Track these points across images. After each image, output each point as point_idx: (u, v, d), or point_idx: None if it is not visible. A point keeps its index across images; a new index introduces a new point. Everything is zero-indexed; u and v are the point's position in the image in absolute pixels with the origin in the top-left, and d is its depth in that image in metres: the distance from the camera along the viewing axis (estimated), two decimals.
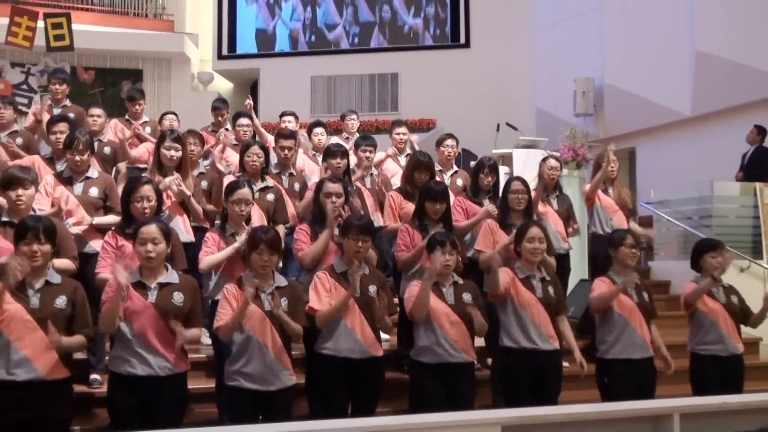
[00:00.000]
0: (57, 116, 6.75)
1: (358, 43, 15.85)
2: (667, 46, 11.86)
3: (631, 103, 12.50)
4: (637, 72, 12.38)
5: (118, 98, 13.77)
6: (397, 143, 8.13)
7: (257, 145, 6.41)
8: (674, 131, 12.27)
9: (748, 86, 10.85)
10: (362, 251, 5.03)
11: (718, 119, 11.61)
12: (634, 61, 12.41)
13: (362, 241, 5.00)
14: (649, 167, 12.83)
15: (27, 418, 4.08)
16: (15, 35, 9.56)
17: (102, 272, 5.01)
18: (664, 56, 11.90)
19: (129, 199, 5.11)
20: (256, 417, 4.56)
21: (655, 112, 12.20)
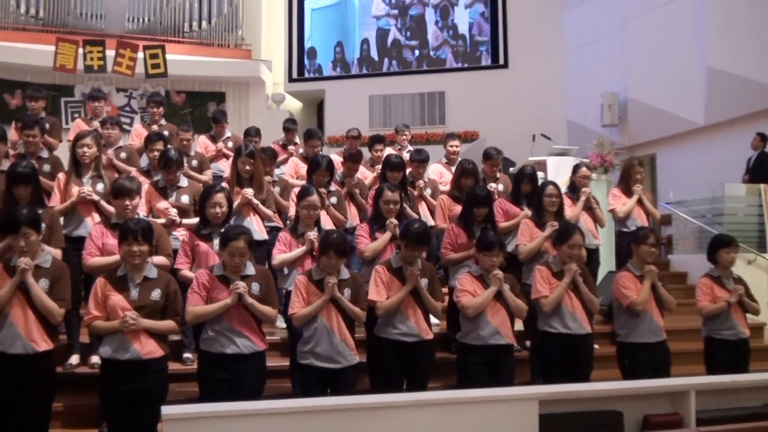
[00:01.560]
0: (154, 135, 6.86)
1: (468, 68, 15.76)
2: (682, 63, 11.68)
3: (652, 115, 12.32)
4: (657, 86, 12.21)
5: (205, 117, 13.95)
6: (449, 154, 8.10)
7: (325, 164, 6.41)
8: (690, 139, 12.06)
9: (754, 98, 10.67)
10: (417, 257, 5.02)
11: (728, 128, 11.39)
12: (654, 76, 12.24)
13: (417, 250, 4.99)
14: (668, 171, 12.64)
15: (133, 389, 4.19)
16: (120, 65, 9.75)
17: (182, 269, 5.11)
18: (680, 72, 11.72)
19: (204, 205, 5.18)
20: (325, 391, 4.59)
21: (673, 122, 12.01)
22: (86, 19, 15.36)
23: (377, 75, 15.96)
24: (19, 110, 12.88)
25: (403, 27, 16.32)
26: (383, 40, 16.39)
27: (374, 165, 7.94)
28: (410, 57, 16.19)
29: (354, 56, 16.44)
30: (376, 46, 16.39)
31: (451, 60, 15.87)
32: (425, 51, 16.13)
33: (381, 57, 16.36)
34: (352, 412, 3.41)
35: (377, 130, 11.78)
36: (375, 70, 16.29)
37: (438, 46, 16.07)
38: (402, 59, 16.24)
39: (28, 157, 6.16)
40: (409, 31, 16.27)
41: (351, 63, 16.42)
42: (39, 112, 7.73)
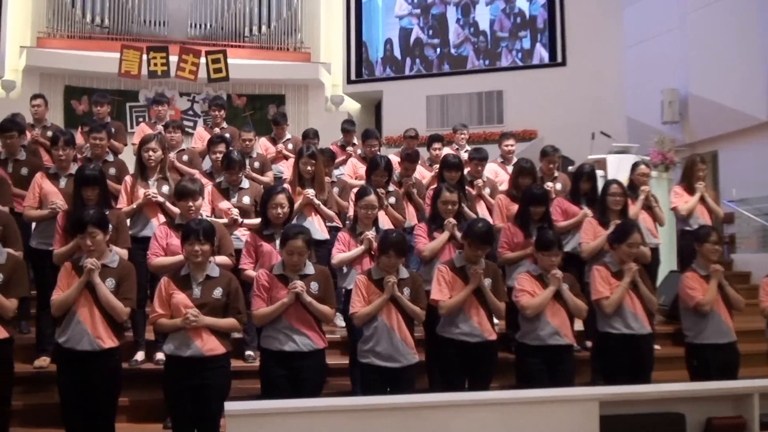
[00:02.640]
0: (216, 138, 6.96)
1: (490, 65, 15.64)
2: (744, 58, 11.31)
3: (713, 111, 11.98)
4: (718, 82, 11.86)
5: (266, 119, 14.09)
6: (505, 153, 8.04)
7: (383, 164, 6.42)
8: (752, 135, 11.67)
9: None
10: (480, 256, 4.98)
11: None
12: (715, 71, 11.89)
13: (481, 250, 4.96)
14: (730, 168, 12.27)
15: (196, 385, 4.26)
16: (183, 69, 9.90)
17: (246, 269, 5.16)
18: (742, 66, 11.36)
19: (266, 206, 5.24)
20: (385, 390, 4.59)
21: (735, 118, 11.64)
22: (150, 26, 15.66)
23: (434, 75, 15.88)
24: (85, 115, 13.19)
25: (426, 26, 16.24)
26: (406, 39, 16.35)
27: (432, 164, 7.92)
28: (432, 55, 16.10)
29: (378, 56, 16.45)
30: (399, 45, 16.36)
31: (473, 57, 15.76)
32: (446, 49, 16.02)
33: (404, 56, 16.30)
34: (411, 410, 3.40)
35: (435, 130, 11.71)
36: (398, 70, 16.27)
37: (459, 43, 15.95)
38: (424, 57, 16.16)
39: (94, 161, 6.32)
40: (431, 30, 16.19)
41: (375, 63, 16.43)
42: (104, 117, 7.92)
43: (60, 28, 15.26)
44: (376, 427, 3.33)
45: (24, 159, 6.47)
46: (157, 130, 7.62)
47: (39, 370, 5.50)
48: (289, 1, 16.15)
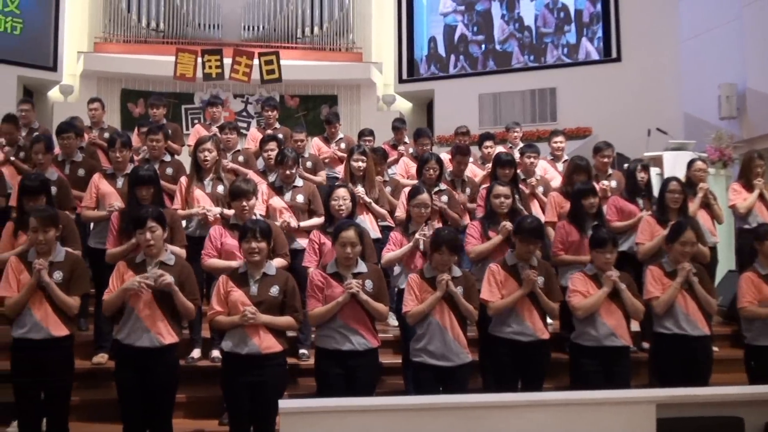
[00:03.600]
0: (268, 137, 7.02)
1: (525, 61, 15.51)
2: None
3: None
4: None
5: (318, 120, 14.16)
6: (554, 150, 7.96)
7: (434, 159, 6.43)
8: None
9: None
10: (532, 252, 4.93)
11: None
12: None
13: (533, 245, 4.91)
14: None
15: (253, 382, 4.31)
16: (236, 71, 10.03)
17: (309, 267, 5.20)
18: None
19: (329, 201, 5.29)
20: (437, 389, 4.58)
21: None
22: (204, 29, 15.88)
23: (487, 73, 15.75)
24: (141, 118, 13.42)
25: (470, 22, 16.11)
26: (450, 36, 16.22)
27: (484, 163, 7.87)
28: (477, 52, 15.96)
29: (422, 54, 16.38)
30: (443, 42, 16.25)
31: (518, 53, 15.58)
32: (491, 45, 15.88)
33: (448, 54, 16.19)
34: (464, 410, 3.39)
35: (487, 128, 11.59)
36: (443, 67, 16.16)
37: (504, 39, 15.78)
38: (469, 54, 16.04)
39: (151, 161, 6.43)
40: (476, 26, 16.04)
41: (420, 61, 16.36)
42: (160, 119, 8.05)
43: (116, 33, 15.59)
44: (429, 426, 3.33)
45: (81, 161, 6.63)
46: (212, 132, 7.72)
47: (97, 366, 5.62)
48: (341, 2, 16.22)
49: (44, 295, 4.40)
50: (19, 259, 4.53)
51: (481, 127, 13.34)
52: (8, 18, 14.39)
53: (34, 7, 14.71)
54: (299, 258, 5.55)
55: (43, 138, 6.37)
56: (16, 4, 14.49)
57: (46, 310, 4.38)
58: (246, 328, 4.32)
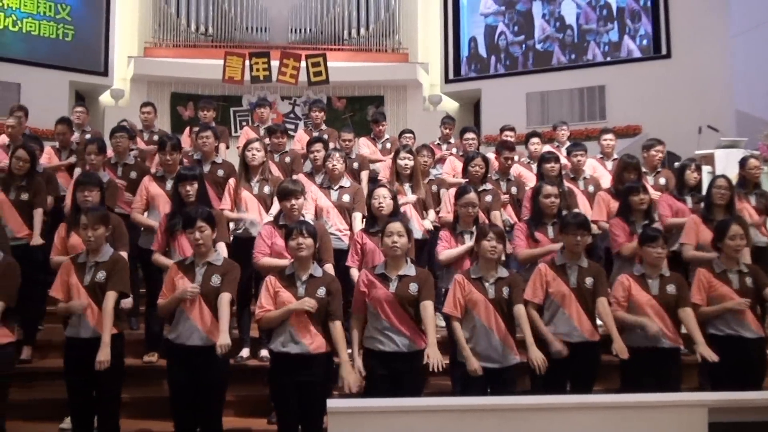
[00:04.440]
0: (314, 138, 7.07)
1: (566, 60, 15.39)
2: None
3: None
4: None
5: (365, 121, 14.21)
6: (603, 148, 7.87)
7: (480, 157, 6.41)
8: None
9: None
10: (581, 244, 4.87)
11: None
12: None
13: (580, 236, 4.86)
14: None
15: (301, 381, 4.34)
16: (284, 74, 10.11)
17: (351, 267, 5.23)
18: None
19: (370, 200, 5.34)
20: (485, 390, 4.55)
21: None
22: (252, 32, 16.08)
23: (534, 72, 15.61)
24: (190, 121, 13.65)
25: (511, 22, 16.06)
26: (491, 36, 16.17)
27: (531, 161, 7.82)
28: (517, 52, 15.88)
29: (463, 54, 16.31)
30: (484, 43, 16.20)
31: (559, 52, 15.41)
32: (530, 42, 15.78)
33: (489, 54, 16.15)
34: (512, 412, 3.36)
35: (535, 128, 11.52)
36: (483, 68, 16.10)
37: (545, 38, 15.67)
38: (509, 54, 15.97)
39: (203, 162, 6.53)
40: (516, 26, 15.99)
41: (461, 61, 16.30)
42: (210, 122, 8.16)
43: (166, 37, 15.88)
44: (476, 428, 3.30)
45: (133, 163, 6.76)
46: (260, 133, 7.81)
47: (148, 364, 5.73)
48: (387, 3, 16.27)
49: (89, 295, 4.50)
50: (71, 261, 4.64)
51: (528, 127, 13.24)
52: (60, 25, 14.77)
53: (85, 14, 15.08)
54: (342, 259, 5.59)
55: (97, 140, 6.52)
56: (67, 11, 14.87)
57: (93, 309, 4.48)
58: (296, 329, 4.36)
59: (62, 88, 14.37)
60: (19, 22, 14.34)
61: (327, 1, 16.31)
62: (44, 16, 14.64)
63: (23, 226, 5.91)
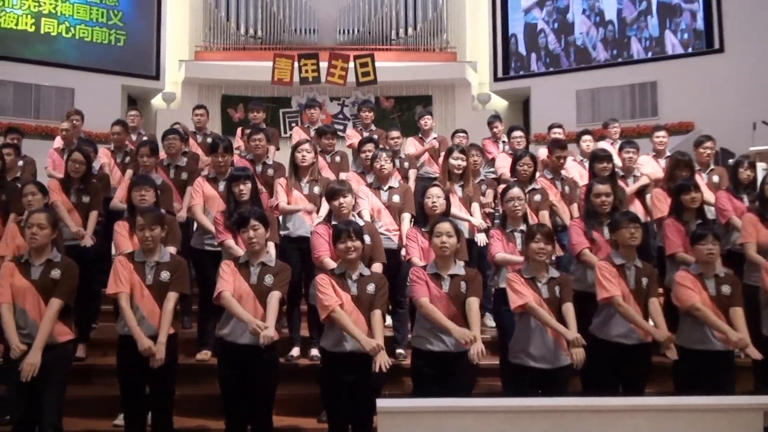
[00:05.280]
0: (366, 139, 7.09)
1: (617, 55, 15.16)
2: None
3: None
4: None
5: (413, 120, 14.11)
6: (656, 145, 7.74)
7: (528, 156, 6.36)
8: None
9: None
10: (636, 237, 4.80)
11: None
12: None
13: (634, 228, 4.79)
14: None
15: (351, 381, 4.38)
16: (332, 75, 10.16)
17: (413, 257, 5.25)
18: None
19: (422, 200, 5.34)
20: (536, 391, 4.51)
21: None
22: (300, 34, 16.20)
23: (584, 69, 15.40)
24: (241, 123, 13.79)
25: (551, 18, 15.88)
26: (531, 34, 16.02)
27: (583, 159, 7.74)
28: (557, 49, 15.70)
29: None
30: (524, 40, 16.07)
31: (601, 48, 15.16)
32: (570, 38, 15.58)
33: (528, 52, 16.02)
34: (563, 414, 3.33)
35: (586, 125, 11.38)
36: (523, 66, 15.95)
37: (585, 34, 15.44)
38: (549, 51, 15.80)
39: (255, 162, 6.62)
40: (556, 23, 15.81)
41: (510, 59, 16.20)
42: (260, 123, 8.25)
43: (216, 41, 16.10)
44: (527, 429, 3.28)
45: (184, 165, 6.86)
46: (310, 134, 7.86)
47: (200, 362, 5.81)
48: (435, 2, 16.24)
49: (150, 294, 4.58)
50: (128, 258, 4.73)
51: (579, 124, 13.10)
52: (112, 31, 15.10)
53: (136, 20, 15.38)
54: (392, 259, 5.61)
55: (150, 142, 6.64)
56: (119, 17, 15.18)
57: (152, 308, 4.57)
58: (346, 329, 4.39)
59: (115, 93, 14.67)
60: (72, 29, 14.70)
61: (375, 2, 16.34)
62: (97, 22, 14.97)
63: (83, 227, 6.05)
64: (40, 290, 4.45)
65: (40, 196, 5.60)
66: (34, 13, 14.34)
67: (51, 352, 4.39)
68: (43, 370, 4.32)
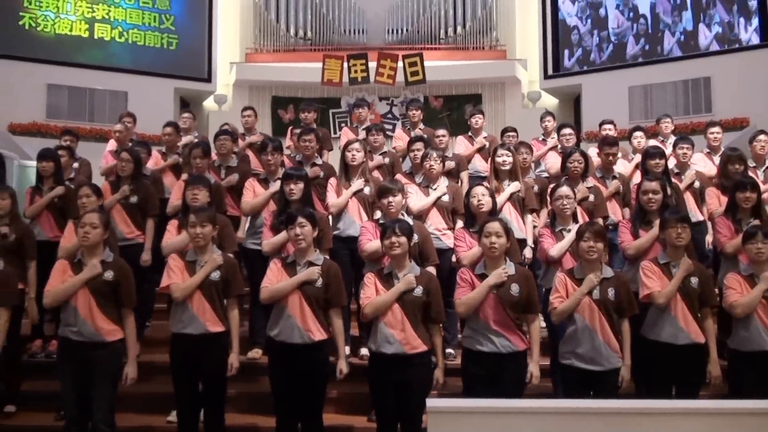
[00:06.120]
0: (415, 138, 7.09)
1: (670, 50, 14.88)
2: None
3: None
4: None
5: (462, 120, 14.15)
6: (710, 142, 7.58)
7: (579, 152, 6.29)
8: None
9: None
10: (683, 238, 4.70)
11: None
12: None
13: (681, 228, 4.69)
14: None
15: (399, 380, 4.39)
16: (381, 75, 10.17)
17: (462, 256, 5.23)
18: None
19: (468, 199, 5.33)
20: (587, 393, 4.46)
21: None
22: (349, 35, 16.28)
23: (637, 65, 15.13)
24: (291, 123, 13.92)
25: (584, 15, 15.69)
26: (566, 32, 15.82)
27: (634, 156, 7.63)
28: (590, 45, 15.49)
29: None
30: (557, 37, 15.89)
31: (634, 43, 14.90)
32: (604, 33, 15.36)
33: (561, 48, 15.82)
34: (614, 416, 3.29)
35: (638, 122, 11.19)
36: (555, 65, 15.76)
37: (619, 30, 15.24)
38: (583, 48, 15.59)
39: (304, 163, 6.66)
40: (590, 19, 15.62)
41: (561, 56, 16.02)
42: (311, 124, 8.31)
43: (266, 43, 16.27)
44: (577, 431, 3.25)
45: (235, 166, 6.95)
46: (359, 134, 7.89)
47: (251, 360, 5.88)
48: (484, 0, 16.14)
49: (202, 293, 4.66)
50: (179, 255, 4.82)
51: (631, 122, 12.88)
52: (164, 35, 15.39)
53: (188, 24, 15.65)
54: (446, 257, 5.59)
55: (202, 144, 6.74)
56: (171, 21, 15.46)
57: (204, 307, 4.65)
58: (392, 330, 4.40)
59: (167, 95, 14.93)
60: (125, 34, 15.02)
61: (423, 1, 16.31)
62: (149, 26, 15.27)
63: (132, 228, 6.18)
64: (92, 290, 4.55)
65: (95, 198, 5.73)
66: (88, 19, 14.70)
67: (101, 351, 4.50)
68: (94, 368, 4.46)
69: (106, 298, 4.57)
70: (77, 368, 4.50)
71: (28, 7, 14.23)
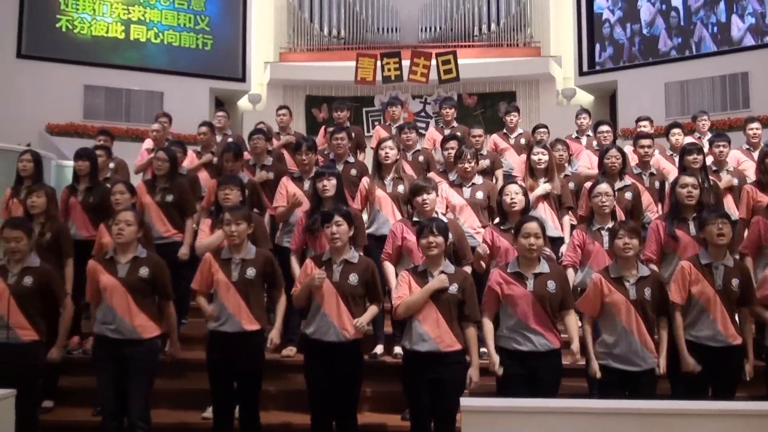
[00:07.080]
0: (448, 136, 7.07)
1: (707, 46, 14.66)
2: None
3: None
4: None
5: (497, 117, 14.09)
6: (749, 138, 7.45)
7: (615, 148, 6.23)
8: None
9: None
10: (725, 234, 4.60)
11: None
12: None
13: (722, 224, 4.60)
14: None
15: (433, 379, 4.39)
16: (414, 73, 10.16)
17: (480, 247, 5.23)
18: None
19: (500, 197, 5.30)
20: (623, 393, 4.42)
21: None
22: (383, 33, 16.31)
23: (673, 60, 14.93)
24: (325, 122, 13.97)
25: (615, 7, 15.55)
26: (598, 25, 15.72)
27: (673, 153, 7.53)
28: (622, 38, 15.36)
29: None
30: (589, 32, 15.77)
31: (667, 37, 14.73)
32: (636, 26, 15.21)
33: (593, 42, 15.73)
34: (650, 417, 3.26)
35: (674, 118, 11.03)
36: (590, 63, 15.64)
37: (651, 21, 15.05)
38: (614, 41, 15.47)
39: (337, 161, 6.68)
40: (622, 11, 15.47)
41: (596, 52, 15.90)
42: (344, 122, 8.33)
43: (300, 42, 16.38)
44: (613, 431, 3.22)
45: (270, 164, 6.99)
46: (392, 132, 7.89)
47: (285, 358, 5.91)
48: None
49: (237, 291, 4.70)
50: (213, 255, 4.86)
51: (668, 118, 12.71)
52: (200, 35, 15.57)
53: (223, 24, 15.81)
54: None
55: (233, 146, 6.77)
56: (206, 22, 15.63)
57: (238, 305, 4.68)
58: (426, 327, 4.39)
59: (203, 95, 15.10)
60: (161, 35, 15.22)
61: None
62: (184, 27, 15.46)
63: (168, 226, 6.23)
64: (128, 287, 4.61)
65: (128, 195, 5.79)
66: (124, 21, 14.92)
67: (137, 347, 4.57)
68: (130, 365, 4.53)
69: (143, 294, 4.64)
70: (114, 365, 4.57)
71: (64, 10, 14.49)
